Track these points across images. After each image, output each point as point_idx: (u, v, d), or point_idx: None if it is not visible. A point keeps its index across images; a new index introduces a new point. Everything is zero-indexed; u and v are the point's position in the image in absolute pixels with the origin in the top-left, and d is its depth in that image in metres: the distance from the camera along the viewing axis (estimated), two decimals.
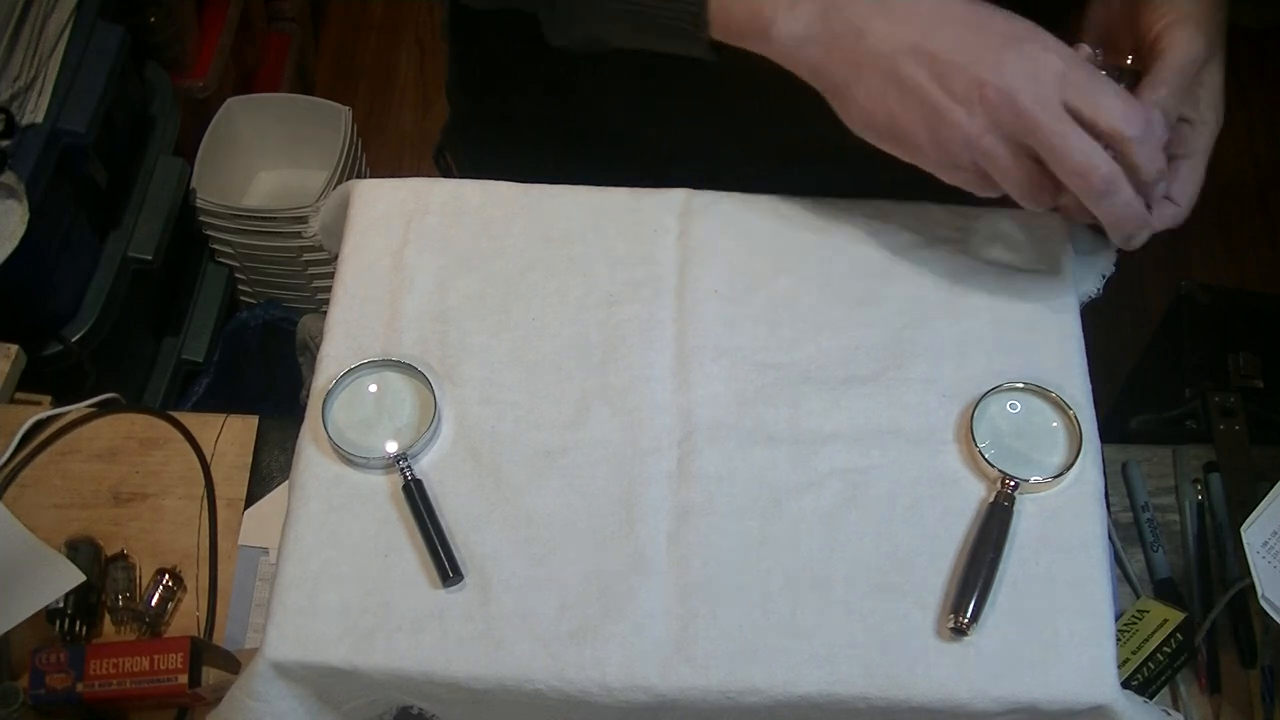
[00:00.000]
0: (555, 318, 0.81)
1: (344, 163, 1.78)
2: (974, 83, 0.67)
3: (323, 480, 0.76)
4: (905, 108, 0.69)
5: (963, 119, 0.67)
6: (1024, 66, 0.67)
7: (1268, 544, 0.83)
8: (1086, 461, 0.76)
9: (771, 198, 0.85)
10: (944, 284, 0.82)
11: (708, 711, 0.71)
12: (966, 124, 0.67)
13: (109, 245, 1.55)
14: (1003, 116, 0.67)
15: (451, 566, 0.72)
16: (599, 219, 0.85)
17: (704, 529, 0.74)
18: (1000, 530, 0.73)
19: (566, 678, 0.70)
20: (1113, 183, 0.68)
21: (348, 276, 0.83)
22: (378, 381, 0.79)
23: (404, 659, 0.70)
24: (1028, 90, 0.66)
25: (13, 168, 1.28)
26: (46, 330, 1.44)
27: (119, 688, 0.80)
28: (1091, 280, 0.87)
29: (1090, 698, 0.69)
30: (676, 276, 0.82)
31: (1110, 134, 0.67)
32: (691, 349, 0.80)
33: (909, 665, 0.70)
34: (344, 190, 0.88)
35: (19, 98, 1.33)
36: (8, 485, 0.95)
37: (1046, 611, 0.71)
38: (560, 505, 0.75)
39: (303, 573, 0.73)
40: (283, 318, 1.77)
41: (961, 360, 0.80)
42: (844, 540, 0.74)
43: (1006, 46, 0.68)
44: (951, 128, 0.68)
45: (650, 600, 0.72)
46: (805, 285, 0.82)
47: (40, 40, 1.37)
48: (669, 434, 0.77)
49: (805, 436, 0.77)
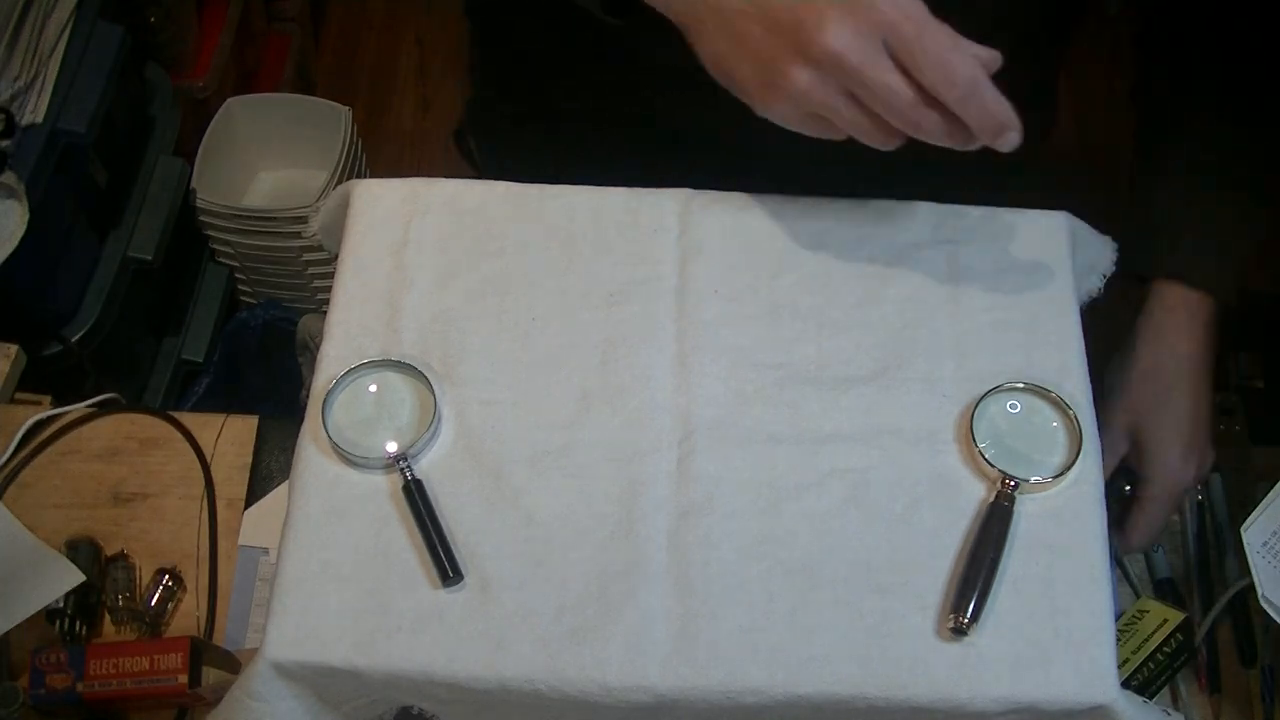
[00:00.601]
0: (555, 318, 0.81)
1: (344, 163, 1.78)
2: (803, 40, 0.67)
3: (323, 480, 0.76)
4: (740, 61, 0.69)
5: (795, 75, 0.67)
6: (850, 23, 0.66)
7: (1268, 544, 0.83)
8: (1086, 461, 0.76)
9: (771, 197, 0.85)
10: (944, 284, 0.82)
11: (708, 711, 0.71)
12: (799, 80, 0.67)
13: (109, 245, 1.55)
14: (831, 73, 0.67)
15: (451, 566, 0.72)
16: (599, 219, 0.85)
17: (704, 529, 0.74)
18: (1000, 530, 0.73)
19: (566, 678, 0.70)
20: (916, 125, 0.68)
21: (348, 276, 0.83)
22: (378, 381, 0.79)
23: (404, 659, 0.70)
24: (854, 48, 0.66)
25: (13, 168, 1.27)
26: (46, 330, 1.44)
27: (119, 688, 0.80)
28: (1091, 280, 0.87)
29: (1090, 698, 0.69)
30: (676, 276, 0.82)
31: (934, 94, 0.67)
32: (691, 349, 0.80)
33: (909, 665, 0.70)
34: (344, 190, 0.88)
35: (19, 98, 1.33)
36: (8, 485, 0.95)
37: (1046, 611, 0.71)
38: (560, 505, 0.75)
39: (303, 573, 0.73)
40: (283, 318, 1.76)
41: (961, 360, 0.80)
42: (844, 540, 0.74)
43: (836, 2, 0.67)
44: (785, 83, 0.68)
45: (650, 600, 0.72)
46: (805, 285, 0.82)
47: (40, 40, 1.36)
48: (669, 434, 0.77)
49: (805, 436, 0.77)
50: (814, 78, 0.67)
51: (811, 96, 0.68)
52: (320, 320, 0.84)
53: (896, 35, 0.66)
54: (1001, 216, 0.85)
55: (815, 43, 0.66)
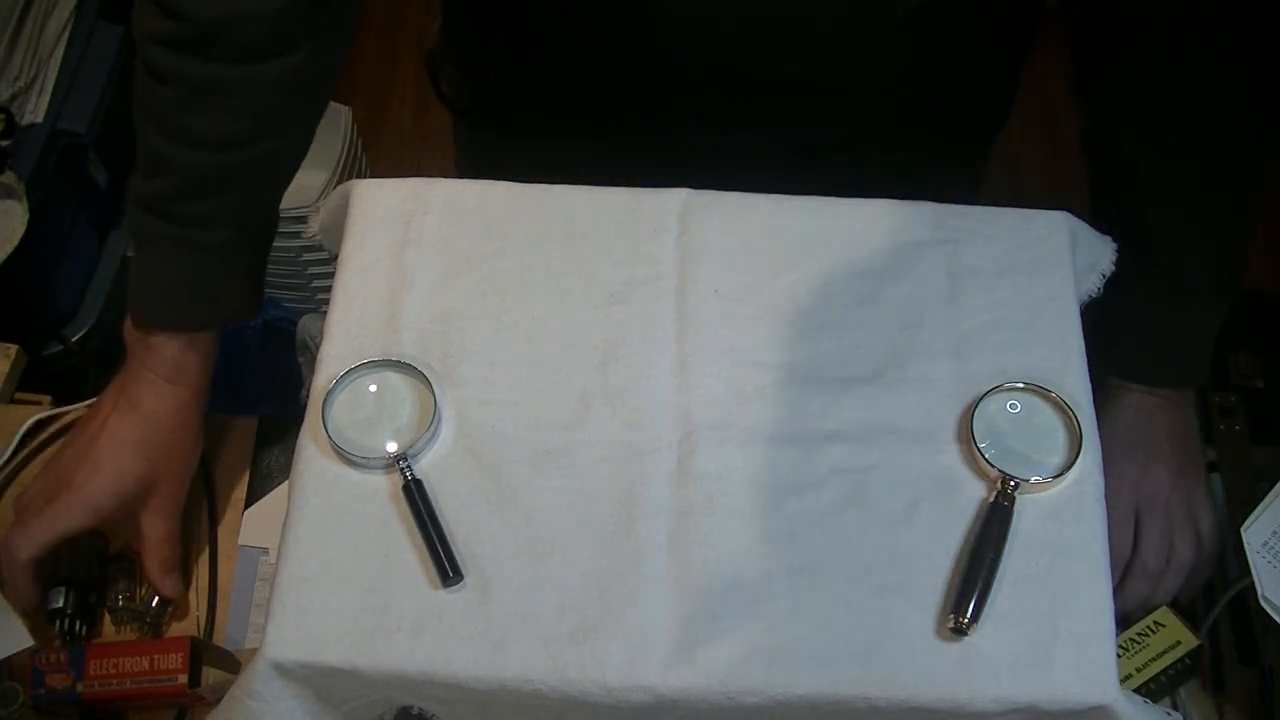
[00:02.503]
0: (555, 317, 0.81)
1: (344, 163, 1.78)
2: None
3: (323, 480, 0.76)
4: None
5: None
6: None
7: (1268, 544, 0.83)
8: (1086, 461, 0.76)
9: (771, 197, 0.85)
10: (944, 284, 0.82)
11: (708, 711, 0.71)
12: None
13: (109, 245, 1.55)
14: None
15: (451, 566, 0.72)
16: (599, 219, 0.85)
17: (704, 529, 0.74)
18: (1000, 530, 0.73)
19: (566, 678, 0.70)
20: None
21: (348, 276, 0.83)
22: (378, 381, 0.79)
23: (404, 659, 0.70)
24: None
25: (13, 168, 1.28)
26: (46, 330, 1.44)
27: (119, 688, 0.80)
28: (1091, 280, 0.87)
29: (1090, 698, 0.69)
30: (676, 276, 0.82)
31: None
32: (691, 349, 0.80)
33: (909, 665, 0.70)
34: (344, 190, 0.88)
35: (19, 98, 1.33)
36: (8, 485, 0.95)
37: (1046, 611, 0.71)
38: (560, 505, 0.75)
39: (303, 573, 0.73)
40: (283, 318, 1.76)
41: (961, 360, 0.80)
42: (844, 540, 0.74)
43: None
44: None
45: (650, 600, 0.72)
46: (805, 285, 0.82)
47: (40, 40, 1.36)
48: (669, 434, 0.77)
49: (805, 436, 0.77)
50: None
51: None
52: (320, 320, 0.84)
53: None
54: (1001, 216, 0.85)
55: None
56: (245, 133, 0.79)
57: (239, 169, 0.80)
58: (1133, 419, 0.87)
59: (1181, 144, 0.82)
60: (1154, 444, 0.87)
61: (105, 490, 0.81)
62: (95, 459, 0.82)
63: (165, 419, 0.83)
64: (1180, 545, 0.86)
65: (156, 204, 0.80)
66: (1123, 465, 0.85)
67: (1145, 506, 0.86)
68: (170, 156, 0.78)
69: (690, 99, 0.89)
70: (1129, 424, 0.87)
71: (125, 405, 0.83)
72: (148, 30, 0.76)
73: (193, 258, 0.81)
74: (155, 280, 0.82)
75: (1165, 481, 0.86)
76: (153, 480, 0.84)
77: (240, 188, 0.81)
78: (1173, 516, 0.86)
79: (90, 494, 0.81)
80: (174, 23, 0.74)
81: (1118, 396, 0.88)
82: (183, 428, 0.85)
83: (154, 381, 0.83)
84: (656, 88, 0.89)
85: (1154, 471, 0.86)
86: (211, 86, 0.76)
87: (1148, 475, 0.86)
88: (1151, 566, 0.85)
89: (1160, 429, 0.87)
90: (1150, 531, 0.86)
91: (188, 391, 0.84)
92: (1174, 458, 0.87)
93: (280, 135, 0.81)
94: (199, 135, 0.78)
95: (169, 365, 0.83)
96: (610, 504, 0.75)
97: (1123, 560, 0.86)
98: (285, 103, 0.79)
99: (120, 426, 0.82)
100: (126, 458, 0.82)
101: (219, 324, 0.85)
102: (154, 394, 0.83)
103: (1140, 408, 0.87)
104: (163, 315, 0.83)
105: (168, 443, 0.84)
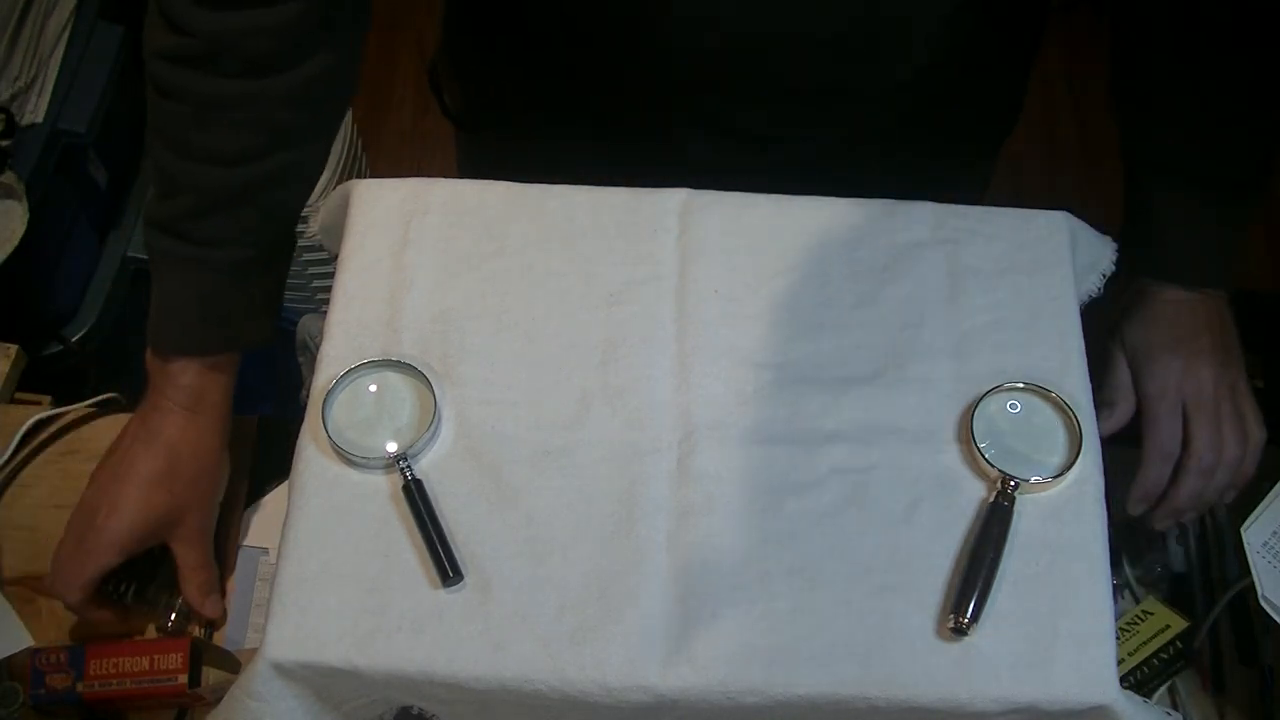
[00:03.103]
0: (555, 318, 0.81)
1: (344, 163, 1.78)
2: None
3: (323, 480, 0.76)
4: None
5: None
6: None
7: (1268, 544, 0.83)
8: (1086, 461, 0.76)
9: (771, 197, 0.85)
10: (944, 284, 0.82)
11: (708, 711, 0.71)
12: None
13: (109, 245, 1.54)
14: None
15: (451, 566, 0.72)
16: (599, 219, 0.85)
17: (704, 529, 0.74)
18: (1000, 530, 0.73)
19: (566, 678, 0.70)
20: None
21: (348, 276, 0.83)
22: (378, 381, 0.79)
23: (404, 659, 0.70)
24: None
25: (13, 168, 1.27)
26: (46, 330, 1.44)
27: (119, 688, 0.80)
28: (1091, 280, 0.87)
29: (1090, 698, 0.69)
30: (676, 276, 0.82)
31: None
32: (691, 349, 0.80)
33: (909, 665, 0.70)
34: (344, 190, 0.88)
35: (19, 98, 1.33)
36: (8, 485, 0.95)
37: (1046, 611, 0.71)
38: (560, 505, 0.75)
39: (303, 573, 0.73)
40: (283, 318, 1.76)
41: (961, 360, 0.80)
42: (844, 540, 0.74)
43: None
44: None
45: (650, 600, 0.72)
46: (805, 285, 0.82)
47: (40, 40, 1.36)
48: (669, 434, 0.77)
49: (805, 436, 0.77)
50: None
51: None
52: (320, 320, 0.84)
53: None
54: (1001, 216, 0.85)
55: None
56: (257, 147, 0.78)
57: (252, 184, 0.79)
58: (1173, 315, 0.86)
59: (1223, 73, 0.82)
60: (1195, 338, 0.86)
61: (127, 528, 0.81)
62: (115, 496, 0.81)
63: (186, 449, 0.82)
64: (1230, 440, 0.85)
65: (171, 224, 0.79)
66: (1167, 360, 0.85)
67: (1192, 402, 0.85)
68: (183, 174, 0.78)
69: (690, 99, 0.89)
70: (1170, 320, 0.86)
71: (145, 437, 0.82)
72: (154, 46, 0.76)
73: (209, 278, 0.81)
74: (172, 303, 0.82)
75: (1210, 375, 0.85)
76: (178, 511, 0.83)
77: (255, 204, 0.80)
78: (1220, 411, 0.85)
79: (113, 533, 0.81)
80: (180, 38, 0.74)
81: (1153, 295, 0.87)
82: (205, 455, 0.84)
83: (173, 410, 0.82)
84: (657, 88, 0.89)
85: (1198, 366, 0.85)
86: (219, 101, 0.76)
87: (1192, 370, 0.85)
88: (1206, 462, 0.84)
89: (1200, 324, 0.86)
90: (1200, 427, 0.84)
91: (209, 419, 0.83)
92: (1216, 352, 0.86)
93: (292, 148, 0.80)
94: (210, 151, 0.77)
95: (188, 394, 0.82)
96: (610, 504, 0.75)
97: (1173, 458, 0.84)
98: (295, 116, 0.79)
99: (140, 460, 0.82)
100: (147, 492, 0.81)
101: (236, 348, 0.84)
102: (174, 424, 0.82)
103: (1179, 305, 0.86)
104: (180, 340, 0.82)
105: (190, 473, 0.83)
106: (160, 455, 0.82)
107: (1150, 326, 0.85)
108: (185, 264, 0.80)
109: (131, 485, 0.81)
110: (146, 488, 0.81)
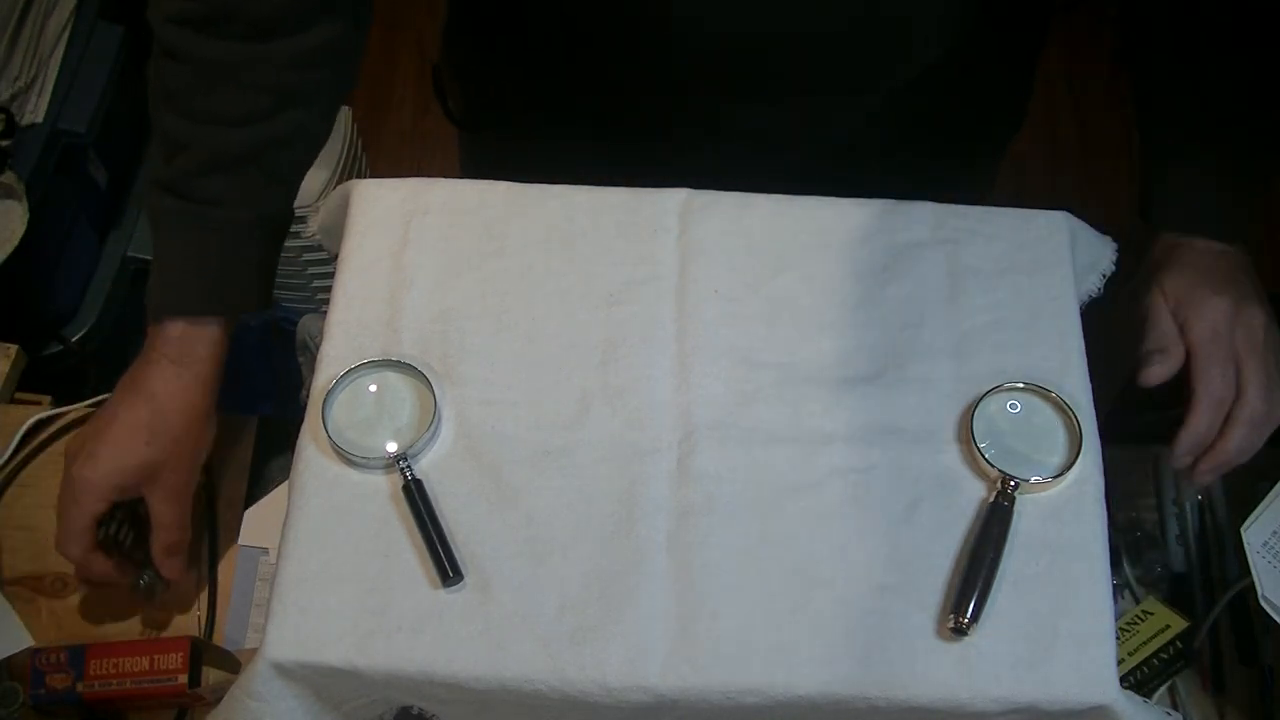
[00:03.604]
0: (555, 318, 0.81)
1: (344, 163, 1.78)
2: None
3: (323, 480, 0.76)
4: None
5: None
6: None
7: (1268, 544, 0.83)
8: (1086, 461, 0.76)
9: (771, 197, 0.85)
10: (944, 284, 0.82)
11: (708, 711, 0.71)
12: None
13: (109, 245, 1.54)
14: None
15: (451, 566, 0.72)
16: (599, 219, 0.85)
17: (704, 529, 0.74)
18: (1000, 530, 0.73)
19: (566, 678, 0.70)
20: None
21: (348, 276, 0.83)
22: (378, 381, 0.79)
23: (404, 659, 0.70)
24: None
25: (13, 168, 1.27)
26: (46, 330, 1.44)
27: (119, 688, 0.80)
28: (1091, 280, 0.87)
29: (1090, 698, 0.69)
30: (676, 276, 0.82)
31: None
32: (691, 349, 0.80)
33: (909, 665, 0.70)
34: (344, 190, 0.88)
35: (19, 98, 1.33)
36: (8, 485, 0.95)
37: (1046, 611, 0.71)
38: (560, 505, 0.75)
39: (303, 573, 0.73)
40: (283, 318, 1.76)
41: (961, 360, 0.80)
42: (844, 540, 0.74)
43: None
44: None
45: (650, 600, 0.72)
46: (805, 285, 0.82)
47: (40, 40, 1.36)
48: (669, 434, 0.77)
49: (805, 436, 0.77)
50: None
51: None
52: (320, 320, 0.84)
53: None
54: (1001, 216, 0.85)
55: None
56: (262, 109, 0.79)
57: (257, 144, 0.80)
58: (1210, 263, 0.84)
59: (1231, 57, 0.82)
60: (1238, 283, 0.84)
61: (102, 475, 0.81)
62: (93, 446, 0.82)
63: (170, 403, 0.82)
64: (1277, 391, 0.82)
65: (174, 183, 0.80)
66: (1215, 301, 0.82)
67: (1244, 347, 0.82)
68: (190, 135, 0.79)
69: (690, 99, 0.89)
70: (1209, 266, 0.84)
71: (130, 386, 0.83)
72: (163, 10, 0.78)
73: (208, 236, 0.81)
74: (167, 261, 0.82)
75: (1260, 320, 0.83)
76: (157, 465, 0.83)
77: (259, 164, 0.81)
78: (1268, 361, 0.82)
79: (89, 480, 0.81)
80: (187, 2, 0.76)
81: (1186, 246, 0.85)
82: (189, 411, 0.83)
83: (159, 362, 0.82)
84: (657, 88, 0.89)
85: (1248, 307, 0.83)
86: (226, 64, 0.77)
87: (1243, 312, 0.82)
88: (1258, 412, 0.81)
89: (1238, 271, 0.84)
90: (1253, 372, 0.81)
91: (194, 374, 0.83)
92: (1261, 299, 0.84)
93: (299, 107, 0.81)
94: (218, 112, 0.79)
95: (174, 345, 0.82)
96: (610, 504, 0.75)
97: (1225, 404, 0.81)
98: (300, 79, 0.80)
99: (121, 409, 0.82)
100: (125, 440, 0.81)
101: (229, 310, 0.84)
102: (158, 376, 0.82)
103: (1213, 254, 0.84)
104: (174, 298, 0.82)
105: (173, 428, 0.83)
106: (140, 405, 0.82)
107: (1192, 271, 0.83)
108: (184, 222, 0.81)
109: (109, 432, 0.81)
110: (124, 435, 0.81)
